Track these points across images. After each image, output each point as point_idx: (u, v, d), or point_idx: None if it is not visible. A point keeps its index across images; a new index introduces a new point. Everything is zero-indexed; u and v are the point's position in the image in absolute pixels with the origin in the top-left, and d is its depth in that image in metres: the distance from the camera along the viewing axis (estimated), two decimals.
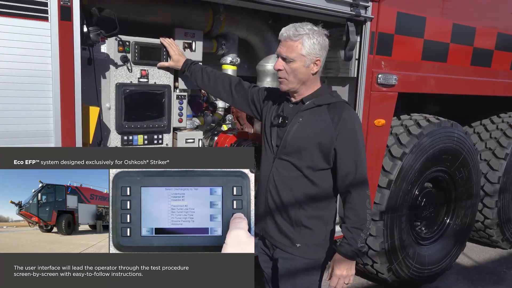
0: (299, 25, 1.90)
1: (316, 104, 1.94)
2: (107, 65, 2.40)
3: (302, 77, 1.91)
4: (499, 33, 3.93)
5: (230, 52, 3.04)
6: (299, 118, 1.95)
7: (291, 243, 1.99)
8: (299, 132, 1.93)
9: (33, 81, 1.88)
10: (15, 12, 1.79)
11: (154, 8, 2.60)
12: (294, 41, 1.87)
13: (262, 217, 2.07)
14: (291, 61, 1.89)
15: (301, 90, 1.97)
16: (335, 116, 1.89)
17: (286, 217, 1.99)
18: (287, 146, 1.95)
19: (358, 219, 1.87)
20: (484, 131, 4.57)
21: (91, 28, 2.06)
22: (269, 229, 2.05)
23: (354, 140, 1.89)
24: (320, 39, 1.89)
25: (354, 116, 1.94)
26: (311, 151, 1.90)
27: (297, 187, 1.95)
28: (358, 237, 1.86)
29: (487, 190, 4.30)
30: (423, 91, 3.52)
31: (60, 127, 1.94)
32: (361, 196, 1.88)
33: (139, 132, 2.55)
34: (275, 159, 2.00)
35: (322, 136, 1.89)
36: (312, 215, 1.97)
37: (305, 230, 1.97)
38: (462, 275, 4.09)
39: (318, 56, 1.89)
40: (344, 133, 1.87)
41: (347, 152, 1.88)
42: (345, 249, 1.87)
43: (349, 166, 1.88)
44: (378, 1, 2.93)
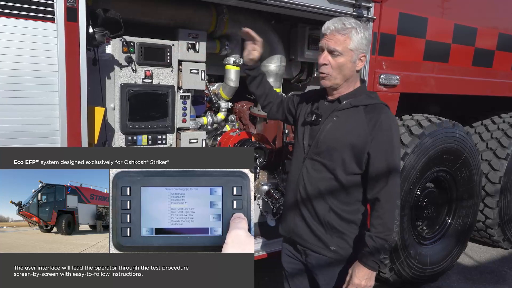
0: (345, 19, 1.82)
1: (353, 104, 1.86)
2: (112, 65, 2.41)
3: (347, 73, 1.83)
4: (500, 33, 3.95)
5: (233, 52, 3.05)
6: (333, 117, 1.87)
7: (325, 246, 1.92)
8: (332, 131, 1.86)
9: (39, 82, 1.89)
10: (22, 14, 1.80)
11: (158, 9, 2.61)
12: (342, 34, 1.78)
13: (291, 218, 2.00)
14: (338, 55, 1.79)
15: (342, 87, 1.88)
16: (372, 119, 1.80)
17: (316, 219, 1.91)
18: (319, 146, 1.88)
19: (384, 229, 1.77)
20: (485, 131, 4.57)
21: (96, 29, 2.07)
22: (300, 230, 1.98)
23: (389, 146, 1.79)
24: (366, 34, 1.82)
25: (392, 120, 1.84)
26: (343, 153, 1.82)
27: (327, 190, 1.88)
28: (382, 247, 1.77)
29: (488, 190, 4.31)
30: (425, 91, 3.53)
31: (66, 127, 1.95)
32: (390, 205, 1.78)
33: (143, 132, 2.56)
34: (306, 158, 1.93)
35: (356, 138, 1.80)
36: (343, 218, 1.89)
37: (338, 234, 1.90)
38: (464, 275, 4.10)
39: (364, 51, 1.82)
40: (379, 137, 1.78)
41: (380, 157, 1.79)
42: (366, 257, 1.78)
43: (380, 172, 1.79)
44: (380, 2, 2.95)
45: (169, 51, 2.60)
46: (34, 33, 1.84)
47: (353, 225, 1.91)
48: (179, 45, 2.64)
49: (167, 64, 2.61)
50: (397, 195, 1.81)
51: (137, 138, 2.55)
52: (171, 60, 2.62)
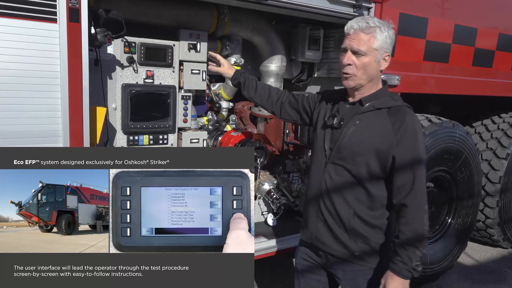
0: (368, 18, 1.78)
1: (376, 107, 1.80)
2: (114, 66, 2.42)
3: (372, 73, 1.77)
4: (500, 33, 3.95)
5: (234, 52, 3.07)
6: (356, 121, 1.81)
7: (349, 252, 1.86)
8: (355, 135, 1.80)
9: (42, 82, 1.90)
10: (24, 14, 1.81)
11: (160, 9, 2.63)
12: (366, 33, 1.73)
13: (313, 224, 1.95)
14: (362, 55, 1.74)
15: (365, 88, 1.83)
16: (396, 122, 1.74)
17: (340, 225, 1.86)
18: (341, 150, 1.82)
19: (413, 235, 1.71)
20: (485, 131, 4.57)
21: (98, 30, 2.08)
22: (322, 236, 1.92)
23: (414, 149, 1.74)
24: (391, 33, 1.76)
25: (416, 123, 1.78)
26: (368, 157, 1.77)
27: (351, 195, 1.82)
28: (413, 255, 1.70)
29: (488, 189, 4.31)
30: (425, 91, 3.54)
31: (68, 127, 1.96)
32: (418, 211, 1.72)
33: (144, 132, 2.58)
34: (328, 163, 1.87)
35: (381, 141, 1.75)
36: (368, 223, 1.83)
37: (362, 239, 1.84)
38: (464, 274, 4.10)
39: (388, 51, 1.77)
40: (404, 140, 1.72)
41: (405, 161, 1.73)
42: (399, 267, 1.71)
43: (406, 176, 1.73)
44: (381, 2, 2.95)
45: (170, 52, 2.61)
46: (36, 34, 1.85)
47: (378, 230, 1.85)
48: (180, 45, 2.66)
49: (169, 64, 2.63)
50: (425, 200, 1.75)
51: (138, 138, 2.56)
52: (172, 60, 2.64)
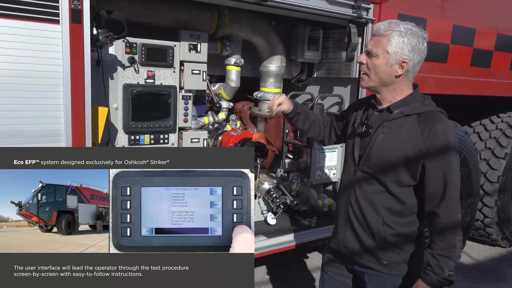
0: (396, 21, 1.72)
1: (404, 114, 1.75)
2: (115, 66, 2.45)
3: (383, 76, 1.73)
4: (498, 34, 3.97)
5: (234, 53, 3.09)
6: (384, 128, 1.77)
7: (377, 260, 1.83)
8: (384, 143, 1.76)
9: (45, 82, 1.93)
10: (28, 16, 1.84)
11: (161, 10, 2.65)
12: (383, 36, 1.70)
13: (342, 231, 1.93)
14: (374, 56, 1.73)
15: (384, 92, 1.79)
16: (426, 128, 1.69)
17: (369, 233, 1.83)
18: (370, 159, 1.79)
19: (445, 245, 1.66)
20: (483, 130, 4.60)
21: (100, 30, 2.11)
22: (350, 244, 1.89)
23: (445, 156, 1.67)
24: (413, 40, 1.68)
25: (448, 128, 1.71)
26: (397, 166, 1.73)
27: (380, 203, 1.79)
28: (446, 265, 1.66)
29: (487, 189, 4.33)
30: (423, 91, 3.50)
31: (70, 127, 1.98)
32: (450, 219, 1.67)
33: (145, 132, 2.60)
34: (357, 171, 1.85)
35: (410, 149, 1.70)
36: (397, 232, 1.79)
37: (391, 247, 1.80)
38: (462, 273, 4.12)
39: (406, 57, 1.69)
40: (434, 147, 1.67)
41: (436, 169, 1.67)
42: (430, 277, 1.68)
43: (437, 185, 1.67)
44: (379, 3, 2.98)
45: (171, 52, 2.63)
46: (39, 35, 1.88)
47: (407, 238, 1.81)
48: (181, 46, 2.68)
49: (169, 65, 2.65)
50: (458, 209, 1.70)
51: (139, 137, 2.58)
52: (173, 61, 2.66)
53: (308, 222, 3.38)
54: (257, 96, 3.38)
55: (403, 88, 1.78)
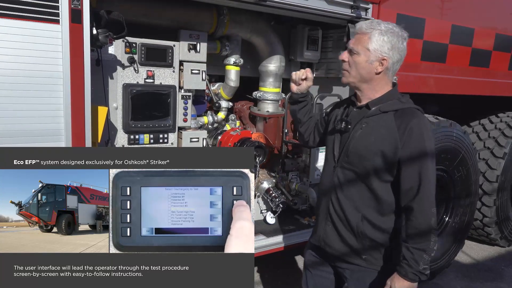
0: (377, 21, 1.80)
1: (382, 110, 1.80)
2: (115, 66, 2.45)
3: (363, 73, 1.79)
4: (497, 34, 3.98)
5: (233, 53, 3.10)
6: (362, 124, 1.83)
7: (357, 255, 1.88)
8: (361, 139, 1.81)
9: (45, 82, 1.93)
10: (28, 15, 1.84)
11: (160, 10, 2.66)
12: (364, 34, 1.77)
13: (322, 227, 1.97)
14: (355, 53, 1.79)
15: (364, 89, 1.84)
16: (402, 124, 1.73)
17: (348, 228, 1.87)
18: (348, 154, 1.84)
19: (420, 239, 1.70)
20: (482, 130, 4.61)
21: (100, 30, 2.11)
22: (330, 240, 1.94)
23: (420, 152, 1.72)
24: (393, 39, 1.74)
25: (423, 124, 1.76)
26: (374, 161, 1.77)
27: (359, 198, 1.83)
28: (420, 258, 1.70)
29: (486, 188, 4.34)
30: (423, 91, 3.56)
31: (70, 126, 1.99)
32: (426, 214, 1.71)
33: (145, 131, 2.60)
34: (336, 167, 1.89)
35: (386, 145, 1.75)
36: (376, 227, 1.83)
37: (370, 242, 1.84)
38: (461, 273, 4.13)
39: (386, 55, 1.75)
40: (410, 143, 1.71)
41: (412, 164, 1.72)
42: (405, 270, 1.71)
43: (413, 180, 1.72)
44: (378, 3, 2.98)
45: (170, 52, 2.64)
46: (39, 35, 1.88)
47: (386, 234, 1.85)
48: (181, 45, 2.68)
49: (169, 65, 2.65)
50: (432, 203, 1.74)
51: (139, 137, 2.59)
52: (173, 61, 2.66)
53: (307, 221, 3.39)
54: (256, 95, 3.38)
55: (383, 86, 1.83)
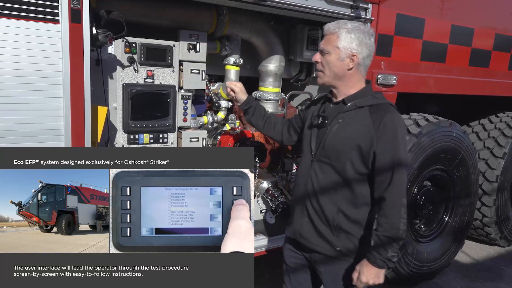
0: (343, 21, 1.89)
1: (358, 106, 1.88)
2: (114, 66, 2.45)
3: (336, 70, 1.87)
4: (497, 34, 3.99)
5: (233, 53, 3.10)
6: (339, 119, 1.90)
7: (331, 247, 1.93)
8: (338, 133, 1.88)
9: (45, 82, 1.93)
10: (27, 15, 1.84)
11: (160, 10, 2.66)
12: (333, 33, 1.86)
13: (297, 220, 2.03)
14: (326, 53, 1.87)
15: (339, 86, 1.92)
16: (377, 119, 1.81)
17: (324, 221, 1.93)
18: (325, 148, 1.90)
19: (389, 227, 1.78)
20: (482, 130, 4.61)
21: (99, 30, 2.11)
22: (306, 232, 1.99)
23: (394, 146, 1.80)
24: (360, 35, 1.83)
25: (397, 120, 1.84)
26: (350, 154, 1.84)
27: (335, 191, 1.90)
28: (389, 246, 1.78)
29: (485, 188, 4.34)
30: (422, 91, 3.57)
31: (70, 126, 1.99)
32: (396, 204, 1.79)
33: (145, 131, 2.61)
34: (313, 161, 1.95)
35: (362, 139, 1.82)
36: (351, 219, 1.90)
37: (345, 235, 1.91)
38: (461, 272, 4.13)
39: (355, 51, 1.83)
40: (384, 137, 1.80)
41: (385, 157, 1.80)
42: (374, 257, 1.80)
43: (386, 172, 1.80)
44: (378, 3, 2.99)
45: (170, 52, 2.64)
46: (39, 34, 1.88)
47: (360, 226, 1.91)
48: (180, 45, 2.68)
49: (168, 64, 2.65)
50: (403, 194, 1.81)
51: (139, 136, 2.59)
52: (172, 61, 2.66)
53: None
54: (256, 95, 3.38)
55: (356, 82, 1.91)
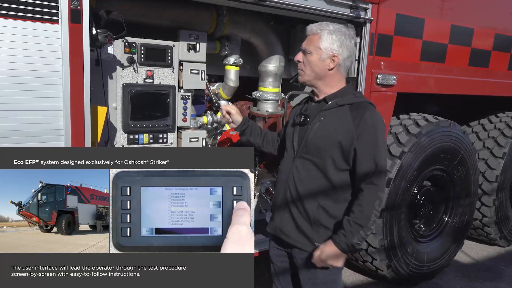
0: (326, 22, 1.96)
1: (338, 104, 1.93)
2: (114, 66, 2.46)
3: (317, 70, 1.94)
4: (496, 34, 3.99)
5: (233, 53, 3.10)
6: (320, 117, 1.95)
7: (310, 242, 1.97)
8: (320, 131, 1.93)
9: (44, 82, 1.94)
10: (27, 15, 1.85)
11: (160, 10, 2.66)
12: (315, 34, 1.93)
13: (279, 216, 2.07)
14: (308, 53, 1.94)
15: (320, 86, 1.98)
16: (357, 117, 1.87)
17: (305, 216, 1.97)
18: (307, 145, 1.96)
19: (361, 215, 1.84)
20: (482, 130, 4.61)
21: (99, 30, 2.12)
22: (286, 228, 2.04)
23: (373, 142, 1.86)
24: (341, 37, 1.90)
25: (376, 118, 1.91)
26: (331, 151, 1.90)
27: (316, 187, 1.94)
28: (357, 232, 1.84)
29: (485, 188, 4.35)
30: (422, 91, 3.57)
31: (70, 126, 2.00)
32: (372, 195, 1.85)
33: (144, 131, 2.61)
34: (295, 158, 2.00)
35: (343, 136, 1.87)
36: (331, 215, 1.95)
37: (324, 230, 1.95)
38: (461, 272, 4.14)
39: (336, 52, 1.90)
40: (364, 134, 1.85)
41: (365, 153, 1.86)
42: (340, 239, 1.85)
43: (366, 167, 1.86)
44: (378, 3, 2.99)
45: (170, 52, 2.64)
46: (39, 35, 1.89)
47: (339, 222, 1.95)
48: (180, 45, 2.69)
49: (168, 65, 2.66)
50: (380, 188, 1.87)
51: (138, 137, 2.59)
52: (172, 61, 2.67)
53: None
54: (256, 95, 3.38)
55: (337, 82, 1.98)
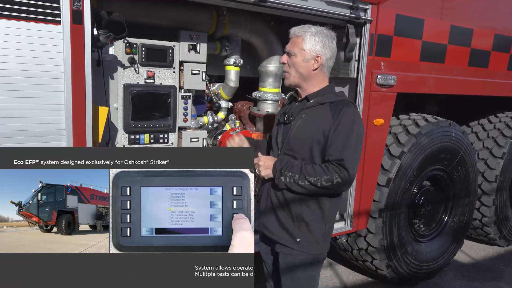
0: (308, 25, 2.02)
1: (319, 102, 2.00)
2: (115, 66, 2.47)
3: (301, 71, 2.00)
4: (496, 34, 3.99)
5: (233, 53, 3.11)
6: (302, 115, 2.02)
7: (291, 238, 2.03)
8: (301, 128, 2.01)
9: (46, 82, 1.94)
10: (29, 16, 1.86)
11: (160, 11, 2.67)
12: (298, 36, 1.99)
13: (263, 212, 2.13)
14: (292, 55, 2.00)
15: (304, 86, 2.05)
16: (336, 112, 1.94)
17: (288, 212, 2.03)
18: (290, 142, 2.03)
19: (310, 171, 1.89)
20: (481, 130, 4.62)
21: (100, 31, 2.12)
22: (269, 224, 2.10)
23: (347, 131, 1.91)
24: (323, 39, 1.98)
25: (353, 112, 1.96)
26: (312, 147, 1.97)
27: None
28: (293, 172, 1.90)
29: (485, 188, 4.36)
30: (422, 91, 3.58)
31: (71, 127, 2.00)
32: (328, 170, 1.87)
33: (145, 131, 2.62)
34: (279, 155, 2.08)
35: (323, 131, 1.94)
36: (313, 211, 2.01)
37: (305, 226, 2.02)
38: (460, 272, 4.15)
39: (319, 53, 1.97)
40: (339, 125, 1.91)
41: (336, 138, 1.90)
42: (281, 162, 1.96)
43: (334, 149, 1.90)
44: (377, 4, 3.00)
45: (170, 52, 2.65)
46: (41, 35, 1.89)
47: (321, 219, 2.02)
48: (181, 46, 2.70)
49: (169, 65, 2.67)
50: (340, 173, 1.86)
51: (139, 137, 2.60)
52: (173, 61, 2.68)
53: None
54: (256, 96, 3.40)
55: (320, 82, 2.05)
